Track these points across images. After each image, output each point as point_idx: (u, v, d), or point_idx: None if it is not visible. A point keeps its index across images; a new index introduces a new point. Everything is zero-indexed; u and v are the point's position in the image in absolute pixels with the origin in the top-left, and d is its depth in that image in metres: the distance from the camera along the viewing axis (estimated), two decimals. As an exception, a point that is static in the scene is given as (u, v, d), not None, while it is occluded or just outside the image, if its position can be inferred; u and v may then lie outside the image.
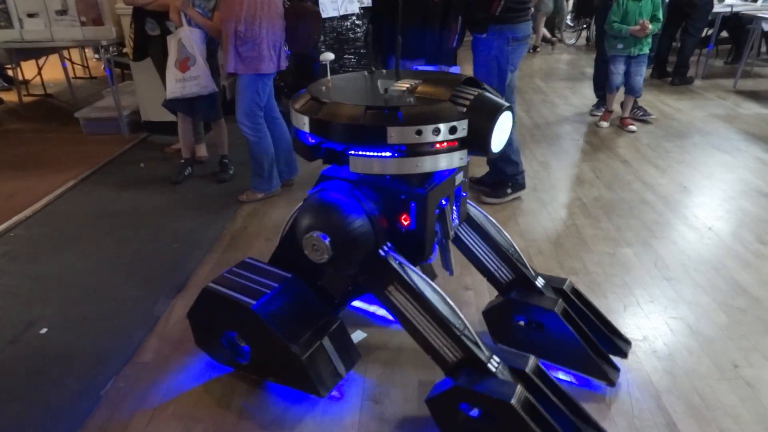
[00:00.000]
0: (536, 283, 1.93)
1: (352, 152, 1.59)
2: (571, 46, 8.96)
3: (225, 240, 2.93)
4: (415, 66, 2.70)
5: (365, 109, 1.51)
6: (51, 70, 6.37)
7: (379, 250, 1.64)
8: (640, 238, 2.84)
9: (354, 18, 4.59)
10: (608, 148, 4.19)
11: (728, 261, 2.61)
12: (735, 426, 1.71)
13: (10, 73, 6.11)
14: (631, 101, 4.60)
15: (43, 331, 2.23)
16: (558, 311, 1.81)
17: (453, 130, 1.52)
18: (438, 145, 1.53)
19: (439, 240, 1.79)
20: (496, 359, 1.58)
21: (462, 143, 1.57)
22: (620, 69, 4.41)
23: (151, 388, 1.90)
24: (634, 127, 4.53)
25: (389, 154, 1.54)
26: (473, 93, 1.60)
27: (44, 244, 2.94)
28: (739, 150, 4.04)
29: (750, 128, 4.51)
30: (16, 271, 2.68)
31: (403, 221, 1.67)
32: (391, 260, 1.64)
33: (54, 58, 5.85)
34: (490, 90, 1.70)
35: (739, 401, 1.80)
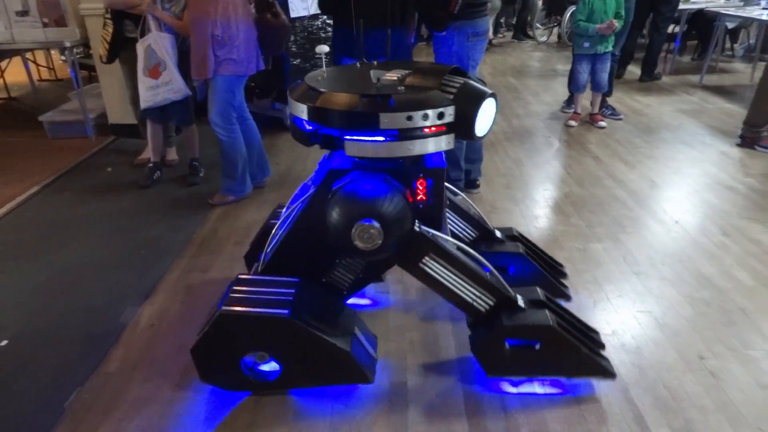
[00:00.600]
0: (497, 235, 2.31)
1: (348, 137, 1.68)
2: (543, 43, 9.06)
3: (195, 244, 2.88)
4: None
5: (360, 97, 1.63)
6: (14, 73, 6.20)
7: (414, 226, 1.75)
8: (610, 234, 2.87)
9: (325, 17, 4.56)
10: (579, 144, 4.24)
11: (694, 253, 2.66)
12: (700, 416, 1.74)
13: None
14: (598, 98, 4.66)
15: (3, 343, 2.16)
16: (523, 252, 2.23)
17: (441, 116, 1.64)
18: (427, 130, 1.65)
19: None
20: (521, 296, 1.83)
21: (449, 128, 1.69)
22: (586, 68, 4.48)
23: (116, 400, 1.86)
24: (604, 123, 4.59)
25: (382, 138, 1.65)
26: (459, 82, 1.72)
27: (7, 252, 2.85)
28: (705, 144, 4.13)
29: (715, 123, 4.62)
30: (-24, 282, 2.60)
31: (420, 197, 1.79)
32: (425, 233, 1.76)
33: (17, 60, 5.69)
34: (475, 79, 1.82)
35: (704, 392, 1.83)
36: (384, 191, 1.68)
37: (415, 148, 1.66)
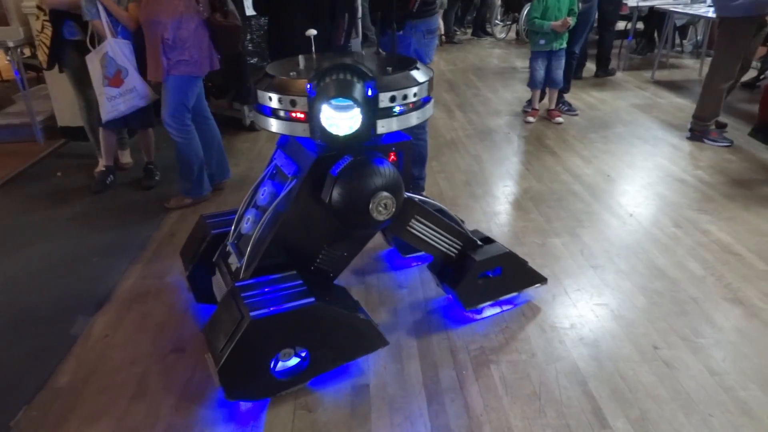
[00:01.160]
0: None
1: None
2: (502, 40, 9.17)
3: (150, 249, 2.79)
4: None
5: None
6: (-45, 74, 5.90)
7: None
8: (567, 228, 2.93)
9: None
10: (537, 140, 4.31)
11: (647, 245, 2.74)
12: (655, 406, 1.78)
13: None
14: (555, 94, 4.75)
15: (-56, 361, 2.05)
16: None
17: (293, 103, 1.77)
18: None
19: None
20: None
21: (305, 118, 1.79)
22: (542, 65, 4.56)
23: (67, 415, 1.78)
24: (560, 119, 4.68)
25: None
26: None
27: (-53, 264, 2.71)
28: (657, 138, 4.25)
29: (666, 117, 4.76)
30: None
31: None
32: (412, 197, 2.00)
33: (-43, 60, 5.41)
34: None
35: (659, 381, 1.89)
36: (386, 164, 1.83)
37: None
